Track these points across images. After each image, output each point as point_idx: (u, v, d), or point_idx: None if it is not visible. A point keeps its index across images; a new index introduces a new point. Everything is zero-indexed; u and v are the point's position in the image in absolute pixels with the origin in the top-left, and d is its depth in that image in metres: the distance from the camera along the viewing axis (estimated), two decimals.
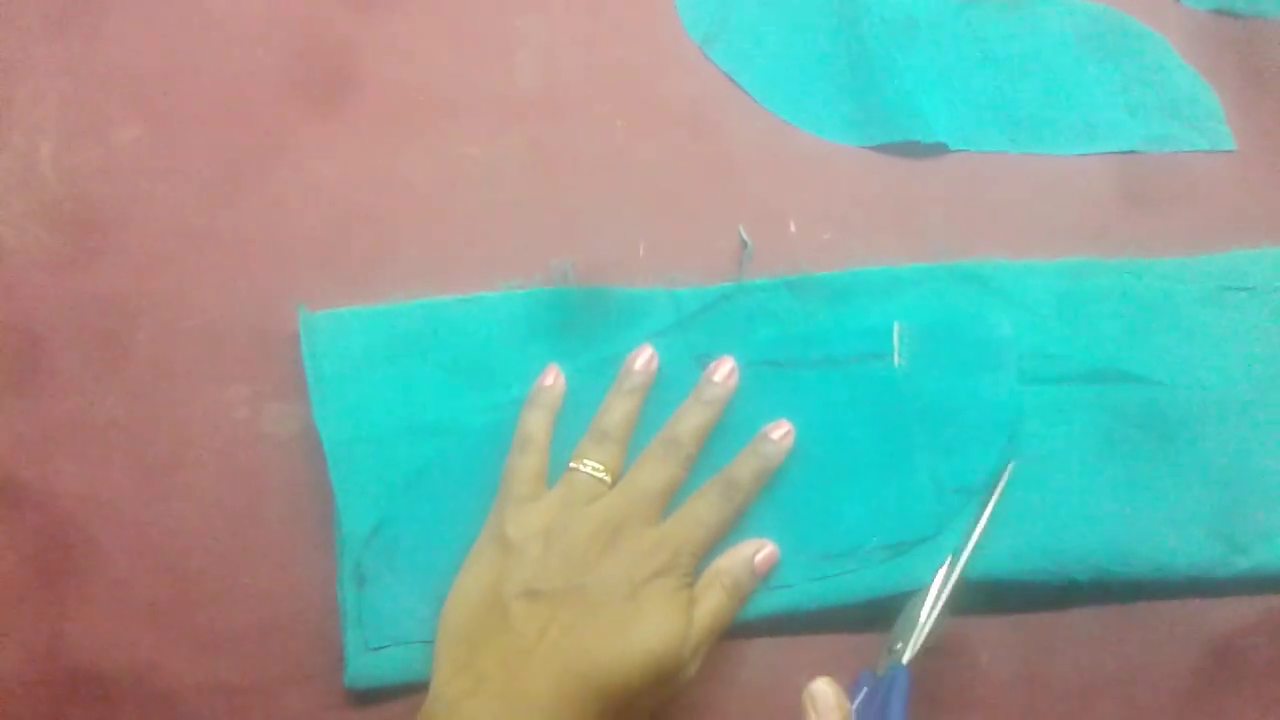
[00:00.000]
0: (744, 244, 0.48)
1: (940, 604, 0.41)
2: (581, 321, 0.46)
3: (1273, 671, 0.44)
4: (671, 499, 0.42)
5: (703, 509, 0.41)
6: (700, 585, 0.40)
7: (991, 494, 0.43)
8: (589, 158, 0.49)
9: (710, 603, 0.40)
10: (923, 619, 0.41)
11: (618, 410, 0.43)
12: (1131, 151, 0.50)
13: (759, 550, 0.42)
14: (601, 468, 0.42)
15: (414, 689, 0.42)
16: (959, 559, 0.42)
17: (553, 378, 0.44)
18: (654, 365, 0.44)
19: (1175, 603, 0.44)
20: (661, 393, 0.45)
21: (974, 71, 0.51)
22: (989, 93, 0.51)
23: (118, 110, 0.48)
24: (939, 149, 0.50)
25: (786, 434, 0.43)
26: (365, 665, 0.42)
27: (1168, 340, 0.46)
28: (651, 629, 0.38)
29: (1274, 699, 0.44)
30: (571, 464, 0.42)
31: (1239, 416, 0.45)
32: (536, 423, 0.43)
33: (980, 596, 0.44)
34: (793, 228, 0.49)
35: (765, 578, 0.42)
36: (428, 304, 0.46)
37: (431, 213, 0.48)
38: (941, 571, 0.42)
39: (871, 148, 0.50)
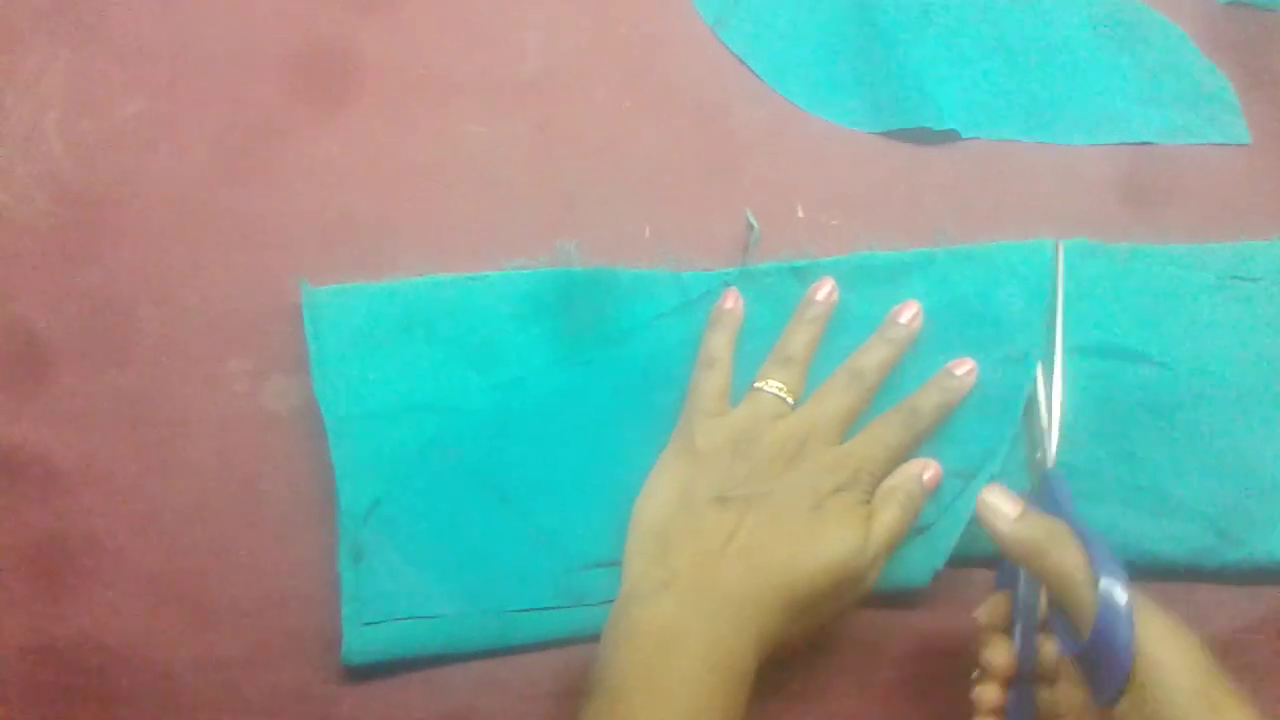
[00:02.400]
0: (751, 228, 0.47)
1: (1057, 402, 0.43)
2: (585, 303, 0.46)
3: (1274, 669, 0.44)
4: (851, 427, 0.43)
5: (885, 432, 0.43)
6: (876, 501, 0.42)
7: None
8: (596, 139, 0.49)
9: (887, 516, 0.41)
10: (1045, 424, 0.42)
11: (800, 337, 0.45)
12: (1145, 142, 0.50)
13: (926, 469, 0.43)
14: (784, 388, 0.43)
15: (409, 664, 0.43)
16: (1051, 362, 0.44)
17: (733, 301, 0.46)
18: (834, 297, 0.45)
19: (1176, 598, 0.43)
20: (667, 377, 0.45)
21: (987, 58, 0.51)
22: (1002, 80, 0.51)
23: (123, 83, 0.48)
24: (950, 136, 0.49)
25: (970, 371, 0.44)
26: (361, 640, 0.42)
27: (1172, 325, 0.46)
28: (834, 538, 0.40)
29: (1275, 697, 0.43)
30: (756, 384, 0.44)
31: (1239, 406, 0.45)
32: (719, 343, 0.45)
33: (977, 584, 0.44)
34: (800, 212, 0.48)
35: (932, 495, 0.43)
36: (431, 282, 0.46)
37: (436, 192, 0.48)
38: (1040, 374, 0.43)
39: (882, 133, 0.49)
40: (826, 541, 0.39)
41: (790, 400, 0.43)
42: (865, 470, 0.42)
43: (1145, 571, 0.43)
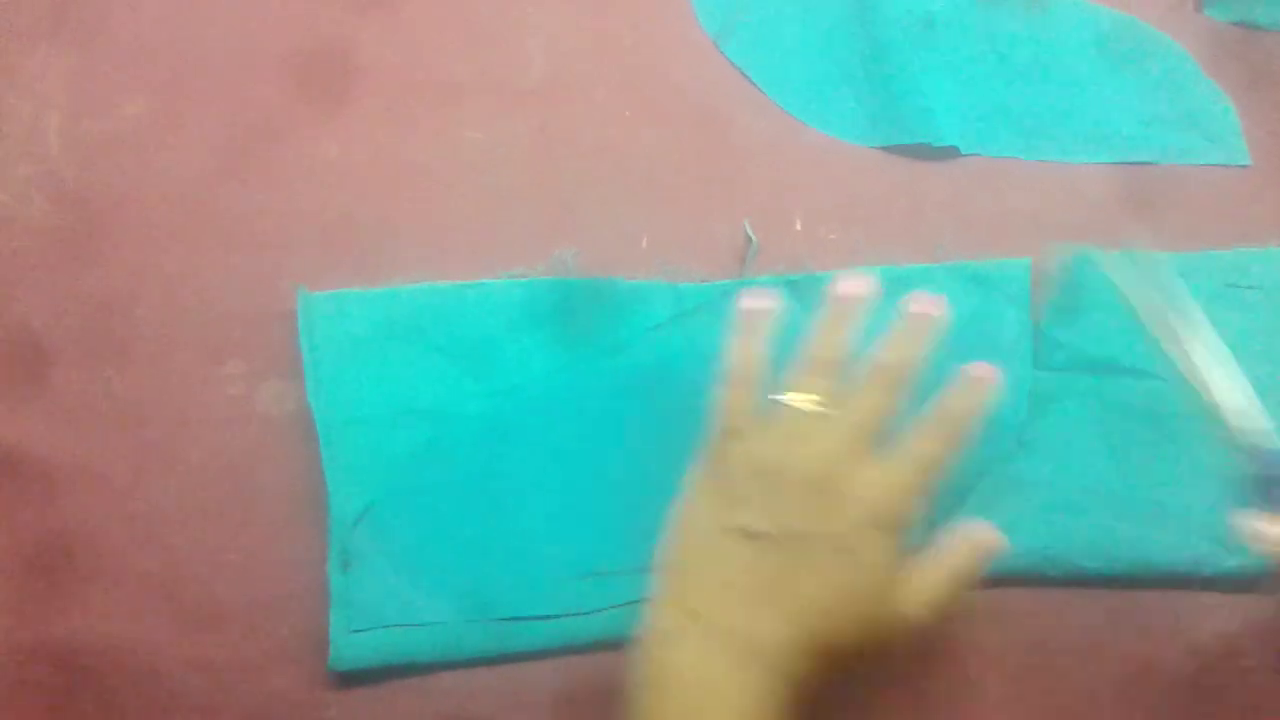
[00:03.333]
0: (749, 240, 0.47)
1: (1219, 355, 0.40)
2: (581, 312, 0.46)
3: (1265, 674, 0.44)
4: (886, 432, 0.39)
5: (922, 449, 0.39)
6: (926, 558, 0.39)
7: None
8: (595, 147, 0.49)
9: (932, 578, 0.38)
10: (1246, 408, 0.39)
11: (827, 337, 0.40)
12: (1145, 162, 0.50)
13: (977, 535, 0.39)
14: (814, 398, 0.39)
15: (397, 672, 0.43)
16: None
17: (758, 301, 0.41)
18: (865, 290, 0.41)
19: (1169, 606, 0.44)
20: (662, 388, 0.45)
21: (989, 75, 0.51)
22: (1003, 97, 0.50)
23: (124, 84, 0.48)
24: (950, 152, 0.49)
25: (988, 372, 0.40)
26: (349, 647, 0.42)
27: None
28: (866, 583, 0.37)
29: (1267, 701, 0.44)
30: (781, 396, 0.39)
31: None
32: (744, 351, 0.40)
33: (965, 600, 0.44)
34: (798, 226, 0.48)
35: (985, 561, 0.40)
36: (427, 289, 0.46)
37: (434, 197, 0.48)
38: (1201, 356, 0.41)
39: (881, 148, 0.49)
40: (858, 586, 0.37)
41: (820, 410, 0.39)
42: (902, 501, 0.38)
43: (1142, 579, 0.44)
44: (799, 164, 0.49)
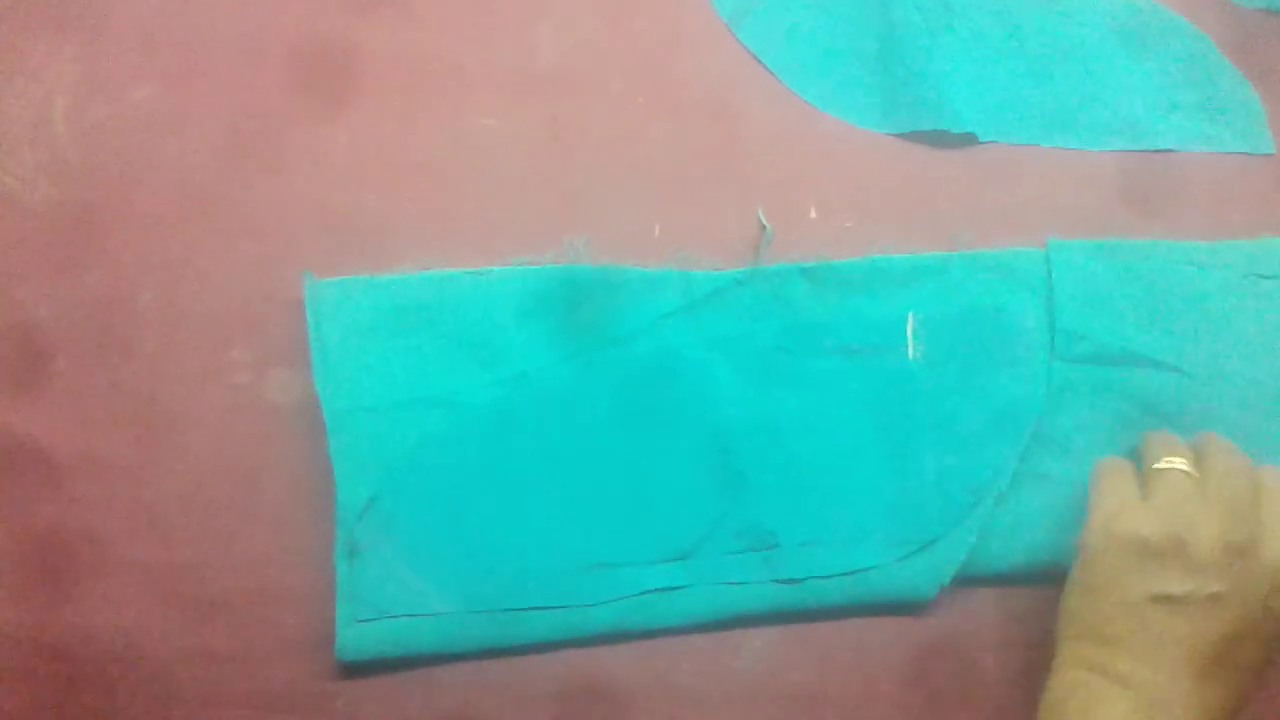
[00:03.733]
0: (763, 228, 0.47)
1: None
2: (591, 300, 0.45)
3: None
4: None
5: None
6: None
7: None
8: (607, 134, 0.48)
9: None
10: None
11: (1162, 436, 0.43)
12: (1166, 150, 0.49)
13: None
14: (1186, 462, 0.41)
15: (403, 663, 0.42)
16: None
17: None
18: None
19: None
20: (672, 377, 0.44)
21: (1007, 61, 0.50)
22: (1022, 84, 0.50)
23: (131, 70, 0.48)
24: (967, 139, 0.48)
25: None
26: (355, 637, 0.42)
27: (1190, 325, 0.46)
28: (1276, 634, 0.39)
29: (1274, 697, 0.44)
30: (1159, 465, 0.41)
31: (1256, 408, 0.45)
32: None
33: (981, 596, 0.43)
34: (813, 214, 0.48)
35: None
36: (436, 276, 0.45)
37: (443, 184, 0.47)
38: None
39: (898, 135, 0.49)
40: (1273, 644, 0.39)
41: (1195, 472, 0.41)
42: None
43: None
44: (814, 151, 0.48)
